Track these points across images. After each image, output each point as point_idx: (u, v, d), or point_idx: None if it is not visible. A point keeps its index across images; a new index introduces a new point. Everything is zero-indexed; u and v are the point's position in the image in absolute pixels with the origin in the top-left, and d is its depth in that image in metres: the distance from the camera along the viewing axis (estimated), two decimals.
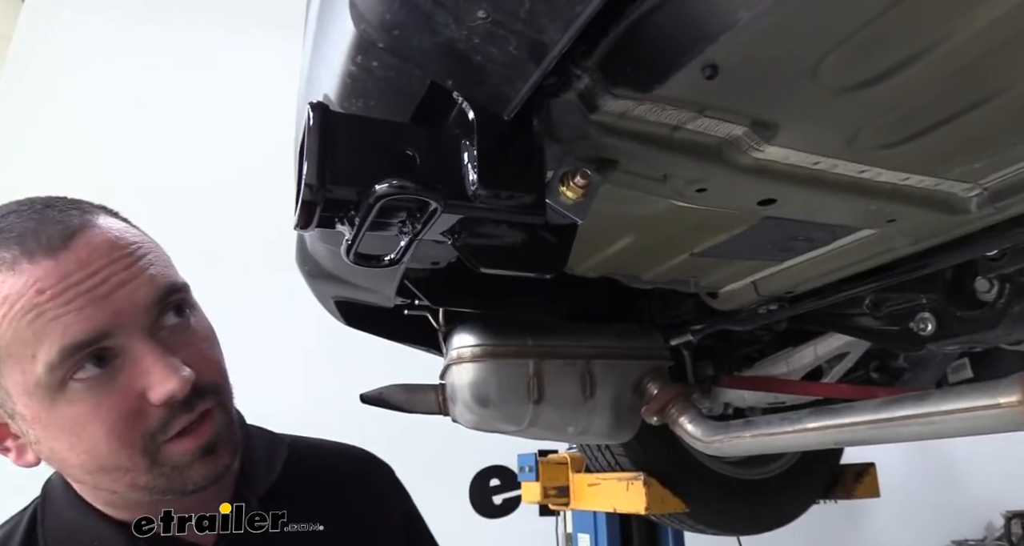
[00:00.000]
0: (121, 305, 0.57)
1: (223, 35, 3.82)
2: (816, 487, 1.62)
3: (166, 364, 0.57)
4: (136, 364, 0.57)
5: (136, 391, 0.57)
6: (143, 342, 0.58)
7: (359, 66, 0.48)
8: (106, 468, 0.58)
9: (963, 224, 0.76)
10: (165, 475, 0.59)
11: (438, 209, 0.44)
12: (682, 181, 0.61)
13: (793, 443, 0.86)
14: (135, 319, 0.58)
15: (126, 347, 0.58)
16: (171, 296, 0.61)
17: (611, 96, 0.50)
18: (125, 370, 0.57)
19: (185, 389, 0.58)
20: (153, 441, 0.58)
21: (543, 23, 0.40)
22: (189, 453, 0.60)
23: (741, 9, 0.40)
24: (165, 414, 0.58)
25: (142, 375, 0.57)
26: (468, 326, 1.03)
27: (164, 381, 0.57)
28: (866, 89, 0.50)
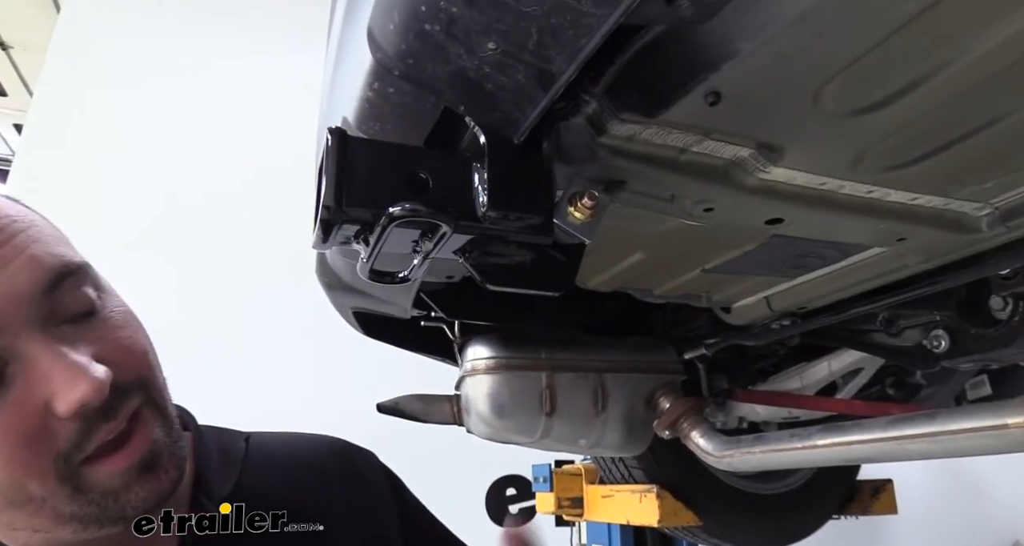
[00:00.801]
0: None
1: (252, 44, 3.91)
2: (832, 503, 1.60)
3: (69, 364, 0.45)
4: (31, 370, 0.45)
5: (36, 404, 0.45)
6: (36, 341, 0.46)
7: (376, 92, 0.50)
8: (16, 503, 0.46)
9: (975, 243, 0.76)
10: (94, 502, 0.47)
11: (448, 231, 0.46)
12: (689, 201, 0.62)
13: (802, 459, 0.86)
14: (20, 314, 0.45)
15: (14, 349, 0.45)
16: (65, 280, 0.49)
17: (618, 120, 0.52)
18: (18, 379, 0.45)
19: (100, 393, 0.45)
20: (68, 463, 0.46)
21: (550, 54, 0.42)
22: (120, 474, 0.48)
23: (742, 40, 0.42)
24: (79, 428, 0.46)
25: (40, 382, 0.45)
26: (482, 338, 1.05)
27: (70, 387, 0.44)
28: (869, 114, 0.52)
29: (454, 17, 0.41)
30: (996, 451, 0.66)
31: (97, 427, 0.47)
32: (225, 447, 0.67)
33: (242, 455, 0.66)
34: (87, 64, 3.55)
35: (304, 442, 0.75)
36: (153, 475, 0.50)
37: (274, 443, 0.73)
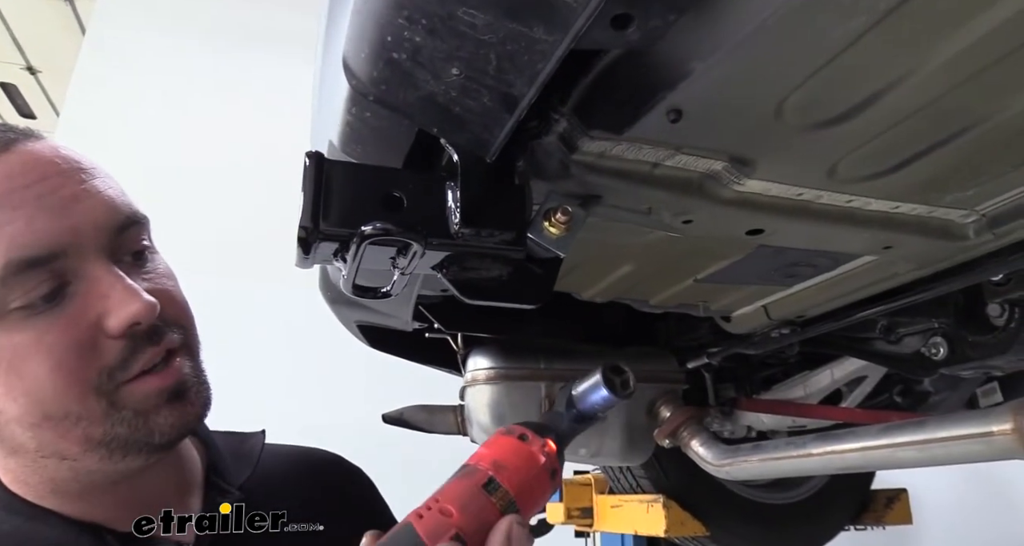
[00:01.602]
0: (78, 221, 0.49)
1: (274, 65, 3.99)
2: (844, 513, 1.58)
3: (127, 286, 0.49)
4: (91, 289, 0.49)
5: (91, 319, 0.48)
6: (102, 265, 0.50)
7: (355, 116, 0.53)
8: (52, 417, 0.48)
9: (965, 250, 0.76)
10: (126, 421, 0.49)
11: (419, 248, 0.48)
12: (667, 213, 0.63)
13: (799, 468, 0.86)
14: (96, 241, 0.50)
15: (81, 270, 0.49)
16: (132, 226, 0.54)
17: (588, 138, 0.54)
18: (78, 296, 0.49)
19: (151, 315, 0.49)
20: (112, 380, 0.49)
21: (511, 78, 0.44)
22: (154, 395, 0.51)
23: (694, 60, 0.43)
24: (126, 347, 0.49)
25: (99, 300, 0.49)
26: (483, 349, 1.07)
27: (125, 303, 0.48)
28: (835, 127, 0.53)
29: (418, 46, 0.43)
30: (983, 458, 0.66)
31: (142, 349, 0.50)
32: (240, 447, 0.69)
33: (259, 449, 0.68)
34: (111, 86, 3.66)
35: (310, 454, 0.78)
36: (180, 404, 0.52)
37: (286, 453, 0.75)
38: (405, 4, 0.40)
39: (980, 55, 0.46)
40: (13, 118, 5.41)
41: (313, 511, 0.67)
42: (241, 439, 0.71)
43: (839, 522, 1.57)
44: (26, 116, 5.38)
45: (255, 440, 0.71)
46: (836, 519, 1.57)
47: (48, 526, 0.52)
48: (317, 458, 0.78)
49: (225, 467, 0.65)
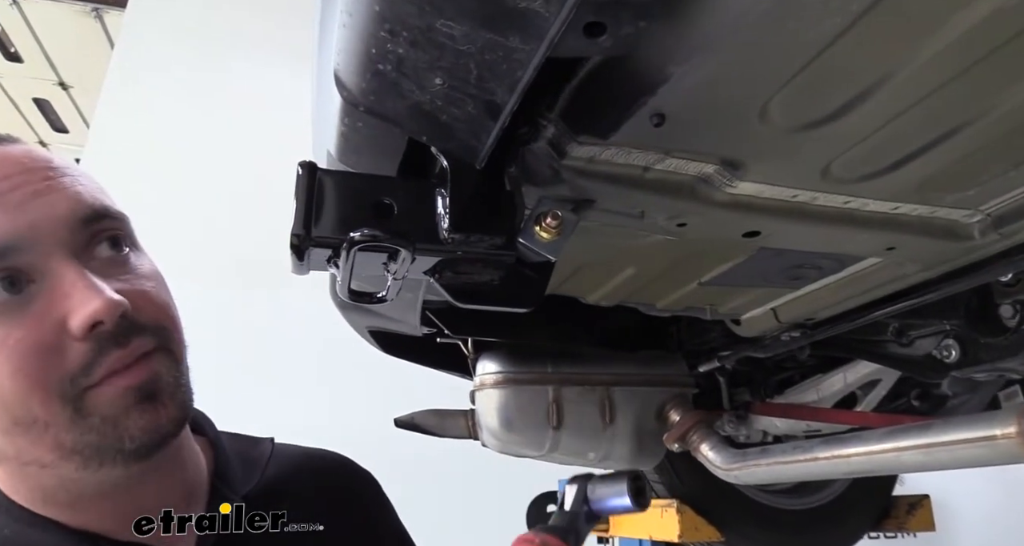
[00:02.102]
0: (37, 216, 0.47)
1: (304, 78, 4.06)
2: (865, 519, 1.56)
3: (88, 284, 0.47)
4: (54, 287, 0.47)
5: (53, 320, 0.46)
6: (65, 263, 0.48)
7: (348, 127, 0.54)
8: (21, 423, 0.46)
9: (972, 250, 0.75)
10: (94, 428, 0.47)
11: (407, 254, 0.49)
12: (661, 217, 0.64)
13: (806, 472, 0.85)
14: (55, 235, 0.48)
15: (43, 268, 0.47)
16: (103, 220, 0.51)
17: (576, 143, 0.54)
18: (40, 296, 0.47)
19: (113, 313, 0.46)
20: (74, 385, 0.46)
21: (492, 87, 0.45)
22: (120, 397, 0.48)
23: (671, 65, 0.44)
24: (90, 349, 0.47)
25: (62, 299, 0.46)
26: (491, 354, 1.08)
27: (86, 302, 0.46)
28: (822, 127, 0.53)
29: (401, 57, 0.44)
30: (987, 462, 0.65)
31: (107, 351, 0.47)
32: (247, 451, 0.67)
33: (267, 457, 0.67)
34: (140, 99, 3.76)
35: (319, 457, 0.77)
36: (151, 405, 0.49)
37: (294, 455, 0.74)
38: (387, 17, 0.42)
39: (962, 54, 0.46)
40: (47, 133, 5.59)
41: (316, 516, 0.66)
42: (251, 444, 0.70)
43: (859, 529, 1.54)
44: (59, 130, 5.55)
45: (263, 447, 0.70)
46: (856, 525, 1.54)
47: (47, 533, 0.51)
48: (324, 461, 0.77)
49: (232, 474, 0.64)
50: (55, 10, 4.37)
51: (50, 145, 5.77)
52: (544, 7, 0.37)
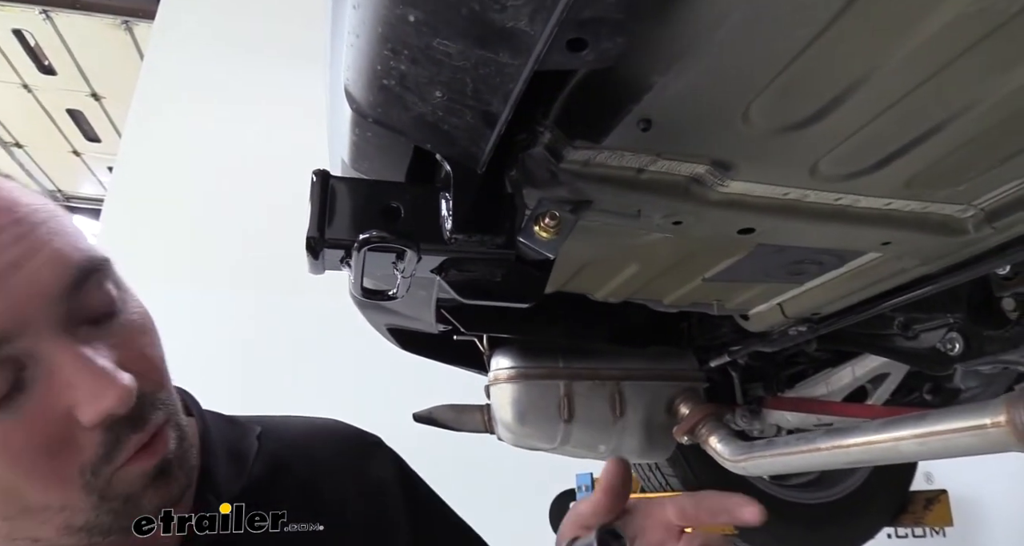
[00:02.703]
0: (19, 294, 0.41)
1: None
2: (882, 514, 1.56)
3: (95, 371, 0.43)
4: (53, 375, 0.42)
5: (59, 413, 0.42)
6: (59, 344, 0.43)
7: (359, 136, 0.58)
8: (32, 510, 0.44)
9: (967, 245, 0.77)
10: (114, 511, 0.46)
11: (413, 254, 0.53)
12: (657, 215, 0.67)
13: (808, 462, 0.88)
14: (43, 313, 0.42)
15: (35, 352, 0.42)
16: (90, 277, 0.46)
17: (572, 147, 0.58)
18: (40, 385, 0.42)
19: (127, 402, 0.43)
20: (97, 475, 0.44)
21: (487, 98, 0.48)
22: (143, 477, 0.47)
23: (653, 74, 0.47)
24: (107, 439, 0.44)
25: (65, 390, 0.42)
26: (505, 349, 1.12)
27: (96, 395, 0.42)
28: (804, 129, 0.55)
29: (404, 73, 0.48)
30: (979, 451, 0.67)
31: (126, 437, 0.45)
32: (235, 443, 0.64)
33: (253, 453, 0.64)
34: (169, 108, 3.87)
35: (317, 433, 0.73)
36: (164, 482, 0.49)
37: (287, 436, 0.70)
38: (389, 37, 0.45)
39: (932, 57, 0.48)
40: (80, 142, 5.77)
41: (319, 503, 0.65)
42: (240, 434, 0.66)
43: (875, 523, 1.55)
44: (92, 140, 5.73)
45: (249, 441, 0.66)
46: (872, 520, 1.55)
47: None
48: (325, 435, 0.73)
49: (217, 474, 0.60)
50: (87, 23, 4.52)
51: (84, 154, 5.96)
52: (529, 26, 0.40)
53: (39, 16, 4.42)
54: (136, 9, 4.46)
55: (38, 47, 4.83)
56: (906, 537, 3.74)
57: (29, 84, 5.13)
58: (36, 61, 4.94)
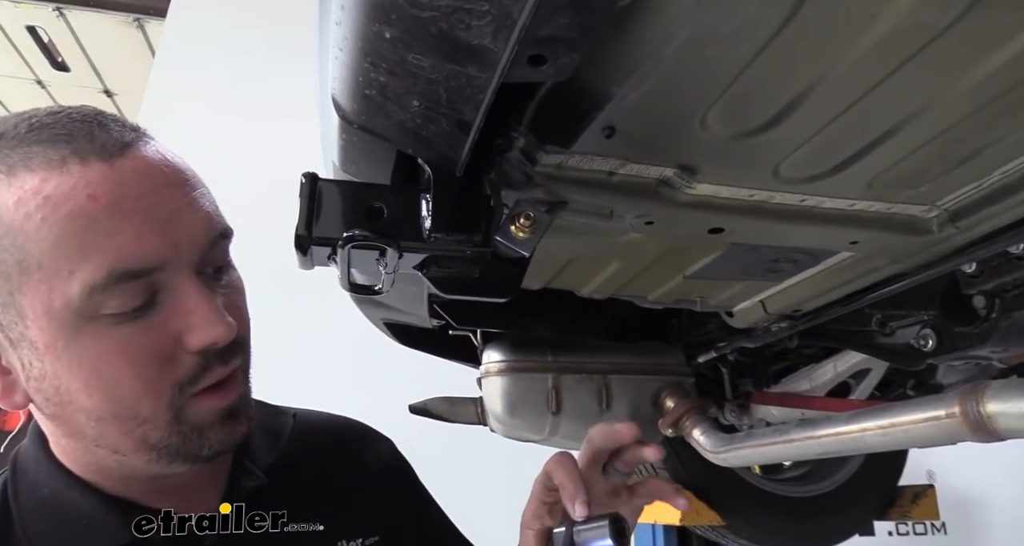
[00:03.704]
0: (180, 237, 0.52)
1: None
2: (870, 507, 1.59)
3: (212, 307, 0.52)
4: (178, 303, 0.52)
5: (173, 332, 0.51)
6: (190, 280, 0.52)
7: (346, 141, 0.62)
8: (121, 416, 0.51)
9: (933, 244, 0.80)
10: (183, 434, 0.53)
11: (393, 251, 0.57)
12: (629, 216, 0.70)
13: (784, 453, 0.91)
14: (187, 256, 0.52)
15: (171, 283, 0.51)
16: (222, 241, 0.57)
17: (544, 152, 0.62)
18: (165, 308, 0.51)
19: (228, 338, 0.53)
20: (182, 394, 0.52)
21: (460, 107, 0.52)
22: (214, 412, 0.54)
23: (612, 86, 0.51)
24: (199, 363, 0.52)
25: (183, 316, 0.51)
26: (495, 344, 1.16)
27: (209, 325, 0.51)
28: (761, 134, 0.59)
29: (383, 84, 0.52)
30: (936, 442, 0.70)
31: (213, 367, 0.53)
32: (270, 422, 0.71)
33: (288, 430, 0.71)
34: (180, 104, 3.93)
35: (337, 425, 0.81)
36: (232, 423, 0.56)
37: (312, 423, 0.77)
38: (368, 52, 0.49)
39: (875, 68, 0.51)
40: None
41: (337, 486, 0.71)
42: (273, 413, 0.74)
43: (863, 517, 1.58)
44: None
45: (284, 420, 0.74)
46: (860, 514, 1.58)
47: (83, 497, 0.56)
48: (343, 429, 0.80)
49: (255, 446, 0.67)
50: (99, 20, 4.59)
51: None
52: (492, 44, 0.44)
53: (52, 13, 4.49)
54: (148, 7, 4.52)
55: (51, 44, 4.90)
56: (907, 534, 3.77)
57: (43, 80, 5.21)
58: (50, 57, 5.02)
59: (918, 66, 0.52)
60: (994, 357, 0.92)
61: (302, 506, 0.66)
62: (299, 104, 4.05)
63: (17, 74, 5.12)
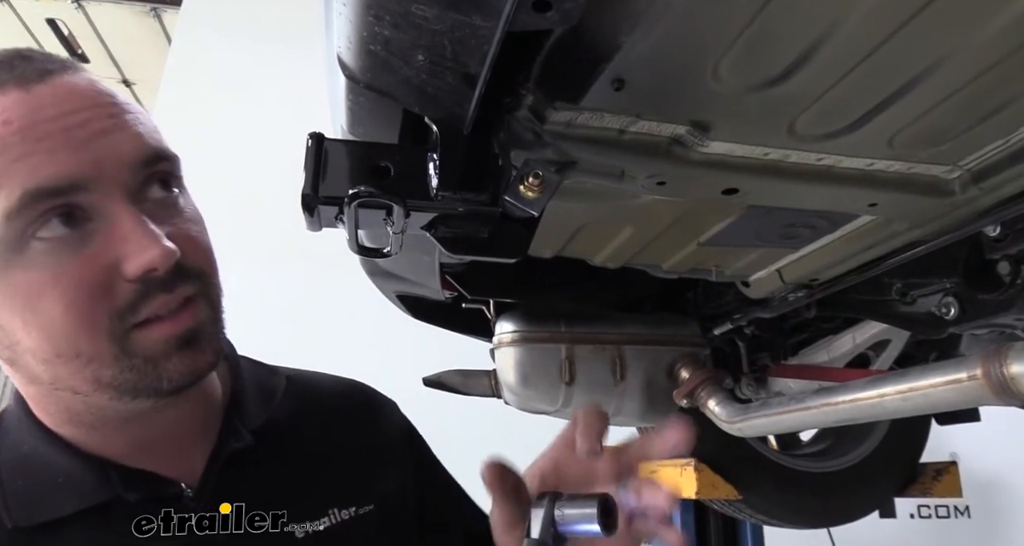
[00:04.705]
0: (101, 155, 0.49)
1: None
2: (890, 484, 1.57)
3: (147, 231, 0.49)
4: (112, 229, 0.49)
5: (107, 260, 0.49)
6: (123, 205, 0.49)
7: (353, 102, 0.62)
8: (64, 355, 0.49)
9: (956, 206, 0.78)
10: (136, 368, 0.50)
11: (399, 209, 0.56)
12: (641, 176, 0.69)
13: (800, 421, 0.90)
14: (117, 176, 0.49)
15: (102, 208, 0.49)
16: (159, 162, 0.53)
17: (553, 109, 0.61)
18: (98, 235, 0.49)
19: (167, 262, 0.49)
20: (122, 322, 0.49)
21: (465, 60, 0.51)
22: (163, 341, 0.51)
23: (620, 35, 0.50)
24: (138, 291, 0.49)
25: (117, 242, 0.49)
26: (508, 314, 1.16)
27: (143, 250, 0.48)
28: (775, 87, 0.57)
29: (387, 38, 0.51)
30: (957, 405, 0.69)
31: (155, 295, 0.50)
32: (264, 381, 0.69)
33: (280, 391, 0.69)
34: (197, 92, 3.95)
35: (337, 387, 0.77)
36: (191, 351, 0.52)
37: (312, 384, 0.75)
38: (371, 4, 0.49)
39: (894, 12, 0.50)
40: None
41: (331, 451, 0.67)
42: (267, 372, 0.71)
43: (884, 493, 1.56)
44: None
45: (278, 379, 0.71)
46: (880, 490, 1.56)
47: (59, 454, 0.55)
48: (343, 391, 0.77)
49: (246, 404, 0.65)
50: (116, 11, 4.63)
51: None
52: None
53: (71, 5, 4.54)
54: None
55: (71, 36, 4.95)
56: (929, 517, 3.72)
57: None
58: (70, 49, 5.07)
59: (938, 11, 0.50)
60: (1019, 325, 0.90)
61: (291, 470, 0.63)
62: (318, 90, 4.06)
63: None
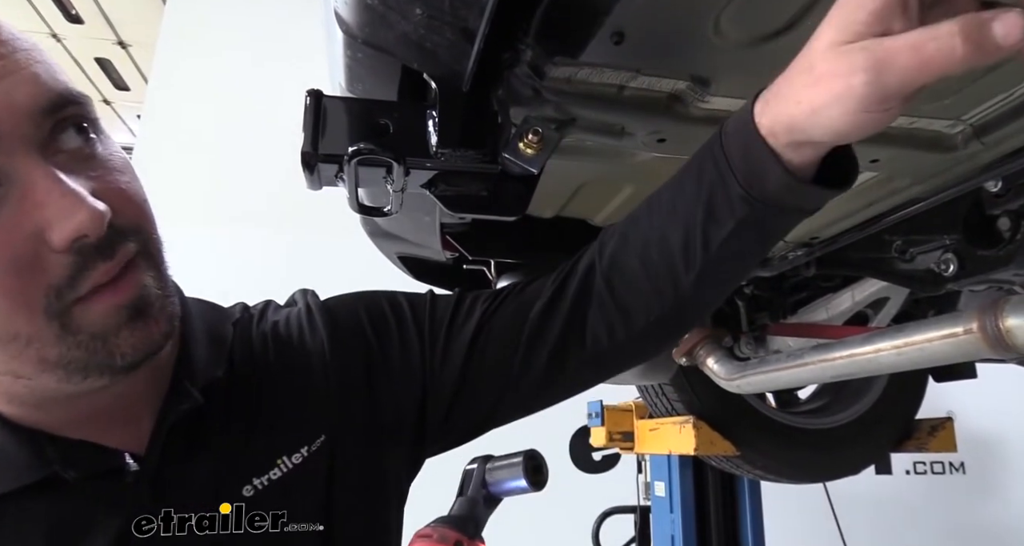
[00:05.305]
0: None
1: None
2: (885, 440, 1.60)
3: (67, 191, 0.41)
4: (26, 194, 0.41)
5: (28, 231, 0.41)
6: (33, 163, 0.42)
7: (350, 58, 0.61)
8: (1, 339, 0.43)
9: (958, 161, 0.77)
10: (83, 345, 0.44)
11: (397, 166, 0.56)
12: (641, 133, 0.69)
13: (798, 377, 0.92)
14: (17, 129, 0.41)
15: (8, 170, 0.41)
16: (67, 107, 0.44)
17: (552, 64, 0.60)
18: (12, 203, 0.41)
19: (98, 226, 0.42)
20: (61, 299, 0.42)
21: (463, 14, 0.51)
22: (111, 314, 0.44)
23: None
24: (74, 262, 0.42)
25: (35, 209, 0.41)
26: (509, 275, 1.16)
27: (68, 214, 0.41)
28: (776, 39, 0.57)
29: None
30: (953, 358, 0.70)
31: (93, 264, 0.43)
32: (216, 330, 0.61)
33: (229, 338, 0.61)
34: (192, 54, 3.89)
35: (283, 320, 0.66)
36: (143, 322, 0.46)
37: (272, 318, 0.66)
38: None
39: None
40: (109, 90, 5.85)
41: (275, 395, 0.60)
42: (220, 318, 0.63)
43: (880, 449, 1.59)
44: (121, 88, 5.80)
45: (227, 327, 0.62)
46: (876, 445, 1.59)
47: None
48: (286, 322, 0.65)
49: (196, 360, 0.57)
50: None
51: (114, 103, 6.05)
52: None
53: None
54: None
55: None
56: (924, 473, 3.79)
57: (58, 33, 5.18)
58: (63, 9, 4.98)
59: None
60: (1017, 281, 0.90)
61: (236, 427, 0.57)
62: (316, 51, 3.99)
63: (33, 28, 5.09)
